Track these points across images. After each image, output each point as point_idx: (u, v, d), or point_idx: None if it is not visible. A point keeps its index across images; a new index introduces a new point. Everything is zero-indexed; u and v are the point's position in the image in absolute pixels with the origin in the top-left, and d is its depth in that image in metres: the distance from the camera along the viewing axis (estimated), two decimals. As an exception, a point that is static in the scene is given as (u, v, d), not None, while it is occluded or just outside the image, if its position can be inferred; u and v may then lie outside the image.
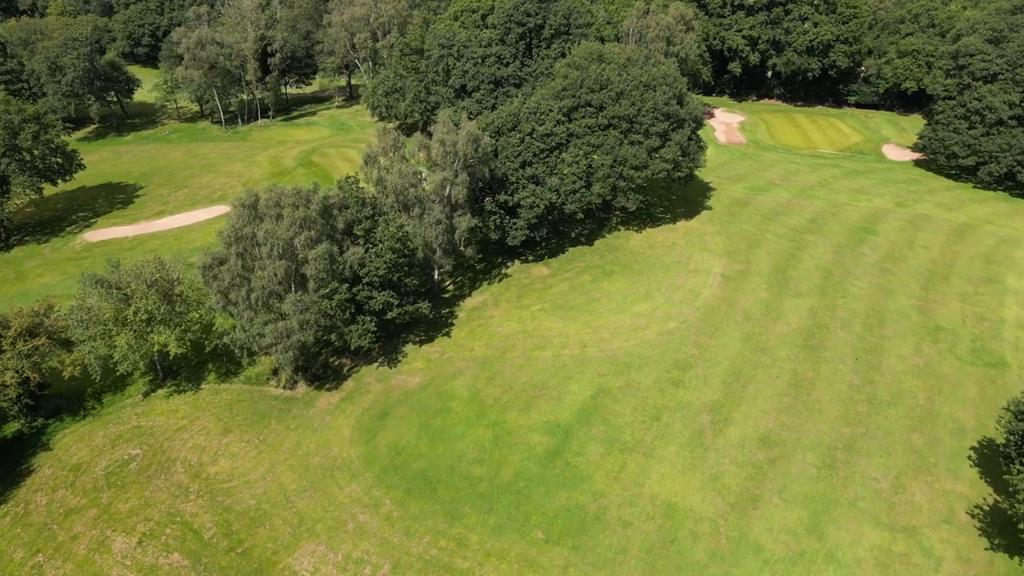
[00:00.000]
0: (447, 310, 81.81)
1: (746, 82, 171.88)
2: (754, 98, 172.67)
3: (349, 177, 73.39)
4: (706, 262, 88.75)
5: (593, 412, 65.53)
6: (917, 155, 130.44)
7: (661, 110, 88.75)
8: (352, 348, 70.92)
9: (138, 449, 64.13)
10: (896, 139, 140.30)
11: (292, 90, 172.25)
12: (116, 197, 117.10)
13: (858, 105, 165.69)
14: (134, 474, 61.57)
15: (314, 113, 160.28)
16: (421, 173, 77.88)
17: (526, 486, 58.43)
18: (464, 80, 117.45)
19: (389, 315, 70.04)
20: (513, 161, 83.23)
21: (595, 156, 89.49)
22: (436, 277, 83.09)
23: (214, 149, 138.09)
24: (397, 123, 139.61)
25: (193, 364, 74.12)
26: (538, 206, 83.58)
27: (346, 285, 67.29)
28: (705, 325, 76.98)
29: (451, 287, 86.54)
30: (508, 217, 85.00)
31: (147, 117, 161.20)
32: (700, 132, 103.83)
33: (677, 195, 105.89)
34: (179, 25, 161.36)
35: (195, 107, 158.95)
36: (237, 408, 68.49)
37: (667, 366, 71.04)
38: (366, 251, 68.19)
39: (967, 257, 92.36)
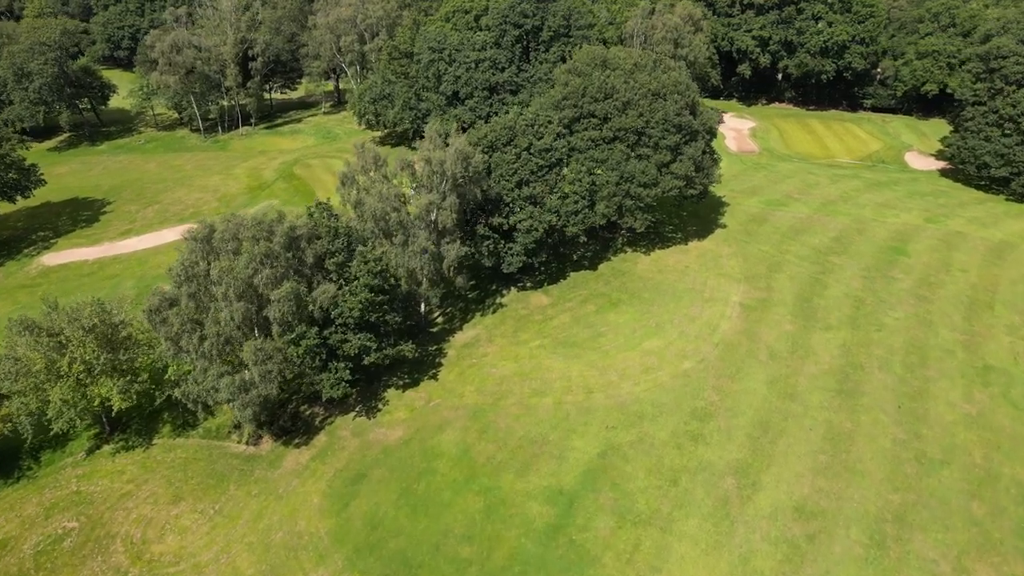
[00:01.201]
0: (435, 347, 73.08)
1: (755, 85, 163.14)
2: (764, 101, 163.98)
3: (320, 203, 64.58)
4: (723, 289, 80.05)
5: (601, 474, 56.81)
6: (943, 164, 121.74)
7: (672, 121, 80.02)
8: (324, 399, 62.17)
9: (75, 522, 55.36)
10: (918, 146, 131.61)
11: (277, 95, 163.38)
12: (81, 214, 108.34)
13: (874, 109, 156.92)
14: (67, 554, 52.81)
15: (299, 120, 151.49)
16: (405, 195, 69.13)
17: (523, 571, 49.68)
18: (456, 86, 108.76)
19: (366, 360, 61.30)
20: (508, 180, 74.51)
21: (599, 172, 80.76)
22: (423, 310, 74.37)
23: (191, 160, 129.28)
24: (385, 131, 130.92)
25: (146, 414, 65.37)
26: (536, 230, 74.87)
27: (316, 328, 58.55)
28: (725, 365, 68.27)
29: (440, 319, 77.80)
30: (503, 241, 76.29)
31: (123, 125, 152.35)
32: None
33: (688, 211, 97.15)
34: (157, 27, 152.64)
35: (174, 114, 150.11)
36: (192, 469, 59.72)
37: (684, 416, 62.32)
38: (339, 289, 59.44)
39: (1009, 281, 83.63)
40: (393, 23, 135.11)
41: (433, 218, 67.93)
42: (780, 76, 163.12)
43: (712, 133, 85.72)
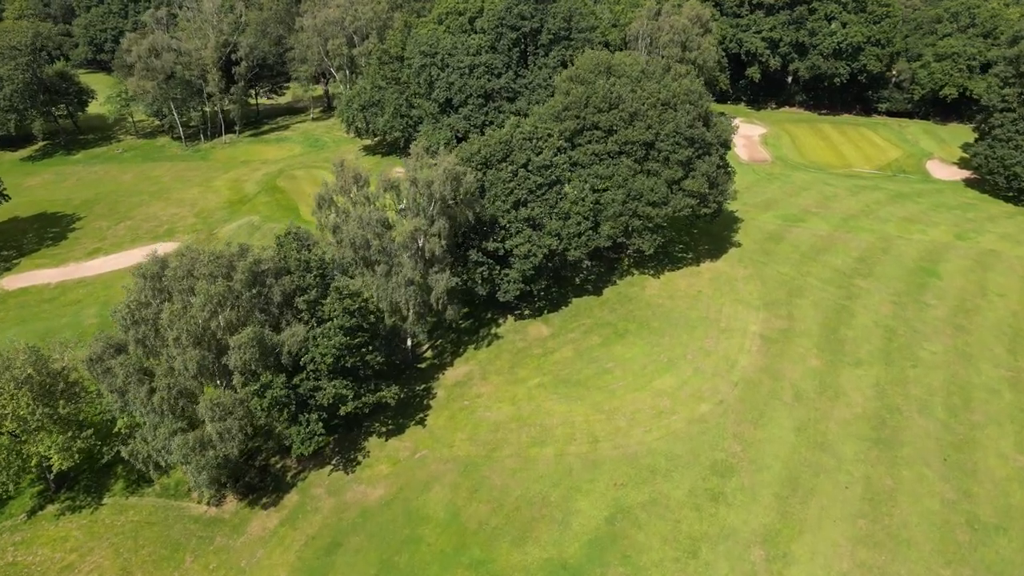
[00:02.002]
0: (423, 386, 65.92)
1: (764, 88, 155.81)
2: (773, 106, 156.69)
3: (291, 232, 57.31)
4: (740, 317, 72.90)
5: (609, 544, 49.67)
6: (967, 173, 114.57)
7: (684, 134, 72.85)
8: (295, 455, 54.97)
9: (5, 602, 48.27)
10: (939, 154, 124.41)
11: (264, 100, 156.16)
12: (49, 231, 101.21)
13: (889, 113, 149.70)
14: (-7, 644, 45.72)
15: (287, 127, 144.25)
16: (389, 219, 61.94)
17: (520, 670, 42.58)
18: (449, 93, 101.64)
19: (343, 411, 54.14)
20: (504, 200, 67.35)
21: (603, 186, 73.61)
22: (409, 344, 67.22)
23: (170, 171, 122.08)
24: (375, 139, 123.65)
25: (97, 468, 58.22)
26: (535, 255, 67.70)
27: (284, 376, 51.39)
28: (746, 408, 61.14)
29: (428, 353, 70.65)
30: (498, 267, 69.13)
31: (101, 133, 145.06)
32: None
33: (699, 229, 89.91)
34: (137, 29, 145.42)
35: (155, 121, 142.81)
36: (144, 536, 52.54)
37: (703, 470, 55.18)
38: (310, 330, 52.26)
39: (1052, 306, 76.54)
40: (384, 25, 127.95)
41: (420, 245, 60.76)
42: (790, 79, 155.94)
43: (727, 145, 78.58)
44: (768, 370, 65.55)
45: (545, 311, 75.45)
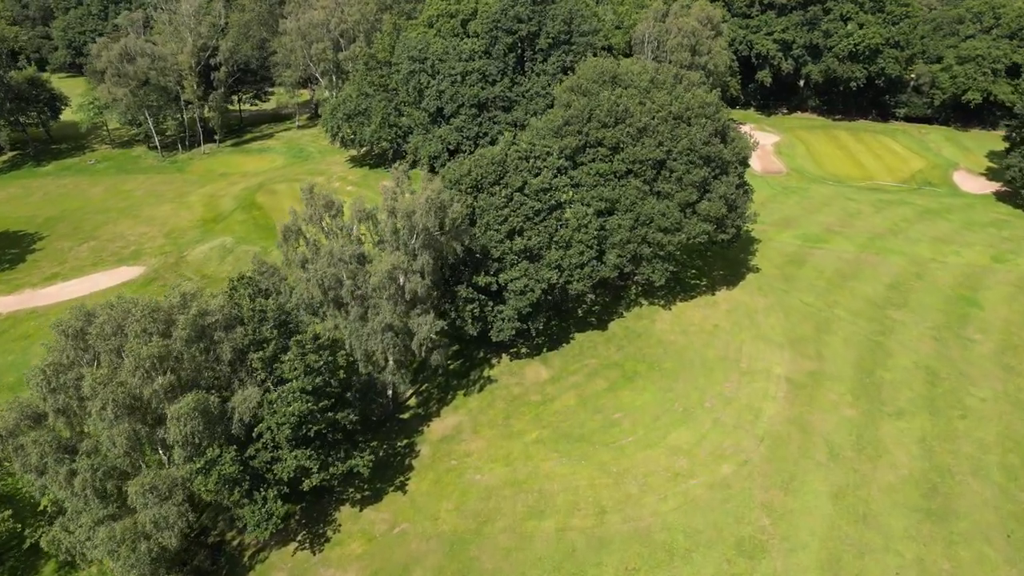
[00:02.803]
0: (405, 441, 58.02)
1: (774, 92, 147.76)
2: (785, 111, 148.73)
3: (244, 277, 49.37)
4: (763, 357, 65.03)
5: (620, 650, 41.79)
6: (997, 186, 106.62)
7: (699, 151, 64.93)
8: (250, 537, 47.09)
9: None
10: (965, 164, 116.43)
11: (247, 107, 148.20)
12: (7, 253, 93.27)
13: (907, 119, 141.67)
14: None
15: (271, 135, 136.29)
16: (365, 253, 54.02)
17: None
18: (440, 102, 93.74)
19: (306, 484, 46.26)
20: (497, 229, 59.43)
21: (608, 205, 65.80)
22: (390, 393, 59.30)
23: (143, 184, 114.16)
24: (363, 150, 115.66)
25: (25, 548, 50.27)
26: (532, 290, 59.77)
27: (235, 449, 43.50)
28: (774, 469, 53.26)
29: (412, 400, 62.74)
30: (491, 303, 61.22)
31: (75, 142, 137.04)
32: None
33: (713, 252, 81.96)
34: (109, 33, 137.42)
35: (131, 129, 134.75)
36: (72, 635, 44.72)
37: (727, 550, 47.31)
38: (266, 393, 44.37)
39: (1109, 341, 68.62)
40: (372, 28, 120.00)
41: (401, 284, 52.79)
42: (802, 82, 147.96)
43: (746, 163, 70.67)
44: (797, 421, 57.65)
45: (544, 349, 67.57)
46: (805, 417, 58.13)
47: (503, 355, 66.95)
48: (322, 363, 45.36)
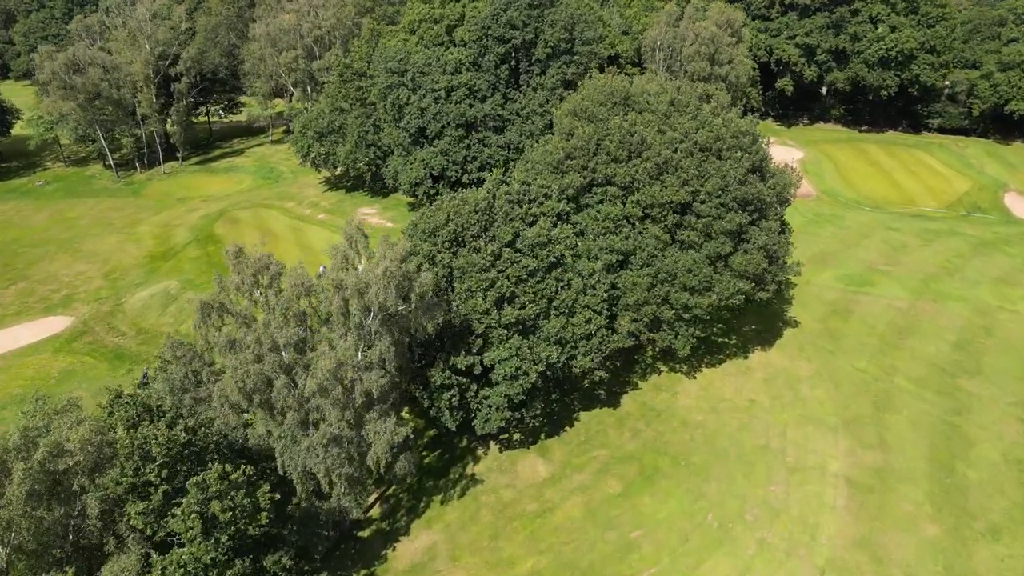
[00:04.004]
0: (362, 573, 45.30)
1: (794, 101, 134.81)
2: (806, 121, 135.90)
3: (122, 394, 36.64)
4: (814, 447, 52.48)
5: None
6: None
7: (733, 192, 52.28)
8: None
9: None
10: (1014, 184, 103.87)
11: (217, 119, 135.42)
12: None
13: (942, 130, 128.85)
14: None
15: (241, 151, 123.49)
16: (306, 338, 41.38)
17: None
18: (422, 121, 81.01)
19: None
20: (482, 297, 46.77)
21: (617, 250, 53.24)
22: (343, 505, 46.56)
23: (92, 209, 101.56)
24: (339, 171, 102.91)
25: None
26: (527, 374, 47.12)
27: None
28: (842, 619, 40.63)
29: (375, 510, 50.00)
30: (474, 386, 48.58)
31: (27, 159, 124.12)
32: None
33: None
34: (57, 40, 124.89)
35: (87, 146, 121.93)
36: None
37: None
38: (148, 560, 31.72)
39: None
40: (349, 34, 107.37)
41: (351, 383, 40.08)
42: (825, 90, 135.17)
43: (787, 202, 57.98)
44: (866, 544, 45.05)
45: (542, 434, 54.96)
46: (875, 538, 45.51)
47: (491, 443, 54.32)
48: (235, 509, 32.70)
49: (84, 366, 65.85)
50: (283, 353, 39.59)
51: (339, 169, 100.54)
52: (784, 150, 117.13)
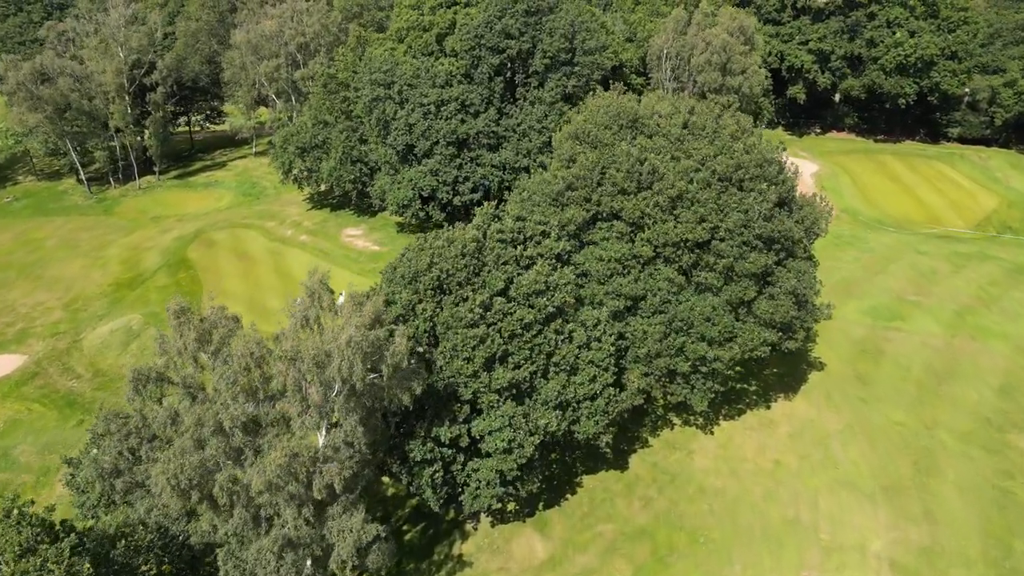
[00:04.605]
0: None
1: (806, 109, 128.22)
2: (818, 130, 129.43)
3: (11, 511, 29.93)
4: (850, 518, 45.97)
5: None
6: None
7: (757, 230, 45.72)
8: None
9: None
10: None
11: (198, 129, 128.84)
12: None
13: (962, 140, 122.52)
14: None
15: (223, 164, 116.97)
16: (258, 417, 34.79)
17: None
18: (410, 138, 74.45)
19: None
20: (470, 357, 40.19)
21: (625, 294, 46.72)
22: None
23: (59, 230, 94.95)
24: (324, 187, 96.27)
25: None
26: (523, 446, 40.58)
27: None
28: None
29: (350, 599, 43.49)
30: (460, 456, 42.05)
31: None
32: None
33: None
34: (24, 47, 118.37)
35: (60, 159, 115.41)
36: None
37: None
38: None
39: None
40: (336, 41, 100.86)
41: (307, 475, 33.44)
42: (838, 97, 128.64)
43: (816, 234, 51.42)
44: (918, 648, 38.51)
45: (540, 504, 48.43)
46: (928, 639, 39.00)
47: (482, 514, 47.76)
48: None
49: (32, 415, 59.34)
50: (230, 437, 33.02)
51: (323, 186, 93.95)
52: (798, 163, 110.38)
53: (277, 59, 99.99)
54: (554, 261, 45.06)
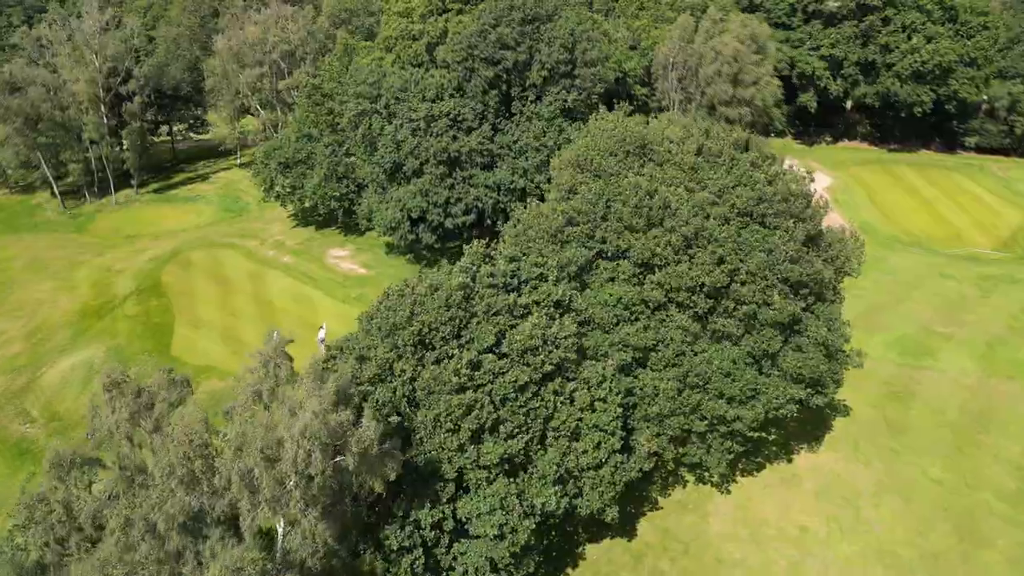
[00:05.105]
0: None
1: (815, 117, 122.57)
2: (829, 139, 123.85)
3: None
4: (887, 601, 40.52)
5: None
6: None
7: (783, 272, 40.32)
8: None
9: None
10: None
11: (180, 139, 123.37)
12: None
13: (979, 149, 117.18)
14: None
15: (206, 176, 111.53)
16: (202, 509, 29.38)
17: None
18: (398, 156, 69.04)
19: None
20: (453, 430, 34.78)
21: (633, 345, 41.36)
22: None
23: (29, 248, 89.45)
24: (307, 205, 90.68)
25: None
26: (516, 531, 35.16)
27: None
28: None
29: None
30: (444, 537, 36.59)
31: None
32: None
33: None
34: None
35: (34, 172, 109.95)
36: None
37: None
38: None
39: None
40: (323, 48, 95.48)
41: (259, 585, 28.05)
42: (849, 104, 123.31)
43: (847, 274, 46.04)
44: None
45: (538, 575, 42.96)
46: None
47: (472, 592, 42.31)
48: None
49: (-22, 466, 53.92)
50: (165, 540, 27.64)
51: (308, 203, 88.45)
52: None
53: (260, 68, 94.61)
54: (552, 309, 39.65)
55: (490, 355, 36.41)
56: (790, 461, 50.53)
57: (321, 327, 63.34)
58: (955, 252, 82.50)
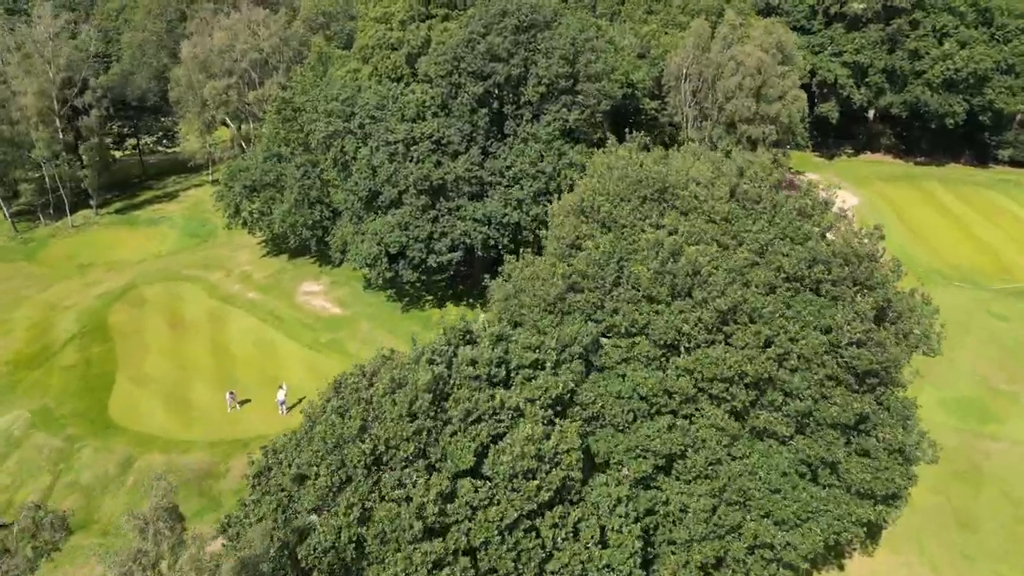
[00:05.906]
0: None
1: (835, 127, 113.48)
2: (850, 151, 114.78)
3: None
4: None
5: None
6: None
7: (848, 357, 31.21)
8: None
9: None
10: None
11: (148, 153, 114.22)
12: None
13: (1012, 162, 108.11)
14: None
15: (174, 195, 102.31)
16: None
17: None
18: (374, 183, 59.93)
19: None
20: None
21: (655, 451, 32.29)
22: None
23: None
24: (278, 231, 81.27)
25: None
26: None
27: None
28: None
29: None
30: None
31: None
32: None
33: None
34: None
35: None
36: None
37: None
38: None
39: None
40: (297, 56, 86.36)
41: None
42: (872, 113, 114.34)
43: (923, 351, 36.93)
44: None
45: None
46: None
47: None
48: None
49: None
50: None
51: (277, 229, 79.17)
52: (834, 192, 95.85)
53: (229, 78, 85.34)
54: (552, 408, 30.62)
55: (468, 480, 27.39)
56: (841, 568, 41.47)
57: (280, 387, 54.44)
58: (1002, 287, 73.37)
